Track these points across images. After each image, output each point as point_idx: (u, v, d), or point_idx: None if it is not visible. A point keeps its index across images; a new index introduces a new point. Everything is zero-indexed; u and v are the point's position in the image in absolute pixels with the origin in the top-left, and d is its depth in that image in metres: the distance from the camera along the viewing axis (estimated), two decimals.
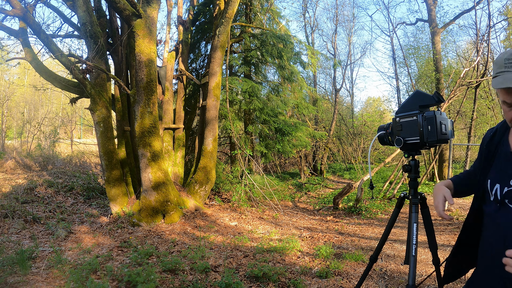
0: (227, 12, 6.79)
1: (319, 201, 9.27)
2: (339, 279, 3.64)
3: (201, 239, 4.96)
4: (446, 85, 12.27)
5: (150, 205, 5.66)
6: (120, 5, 5.42)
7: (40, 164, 10.58)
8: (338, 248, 4.89)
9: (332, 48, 19.06)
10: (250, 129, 9.05)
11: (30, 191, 7.06)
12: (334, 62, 14.17)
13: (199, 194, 6.82)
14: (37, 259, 3.92)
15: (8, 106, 19.22)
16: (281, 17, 10.33)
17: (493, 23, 9.83)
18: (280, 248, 4.56)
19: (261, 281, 3.52)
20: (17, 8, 5.44)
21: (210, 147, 7.05)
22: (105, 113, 5.85)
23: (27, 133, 16.17)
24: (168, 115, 7.40)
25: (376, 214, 7.41)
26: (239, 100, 8.65)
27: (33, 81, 19.81)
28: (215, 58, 7.07)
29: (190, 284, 3.35)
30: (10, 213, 5.38)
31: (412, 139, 1.59)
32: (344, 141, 17.34)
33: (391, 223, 1.90)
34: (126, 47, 7.06)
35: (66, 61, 5.53)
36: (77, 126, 19.61)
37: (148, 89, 5.79)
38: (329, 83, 22.77)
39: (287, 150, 8.85)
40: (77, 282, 3.15)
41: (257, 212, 7.32)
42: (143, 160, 5.76)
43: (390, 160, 9.60)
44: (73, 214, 6.04)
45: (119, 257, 4.14)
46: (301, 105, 10.07)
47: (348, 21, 21.47)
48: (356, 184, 7.97)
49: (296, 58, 9.46)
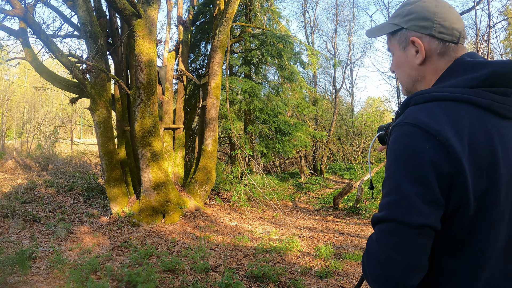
0: (227, 12, 6.79)
1: (319, 201, 9.27)
2: (339, 279, 3.64)
3: (201, 239, 4.96)
4: None
5: (150, 205, 5.66)
6: (120, 5, 5.42)
7: (40, 164, 10.58)
8: (338, 248, 4.89)
9: (332, 48, 19.07)
10: (250, 129, 9.05)
11: (30, 191, 7.06)
12: (334, 62, 14.17)
13: (199, 194, 6.82)
14: (37, 259, 3.92)
15: (8, 106, 19.22)
16: (281, 17, 10.34)
17: (493, 23, 9.82)
18: (280, 248, 4.56)
19: (261, 281, 3.52)
20: (17, 8, 5.44)
21: (210, 147, 7.05)
22: (105, 113, 5.85)
23: (27, 133, 16.17)
24: (168, 115, 7.40)
25: None
26: (239, 100, 8.65)
27: (33, 81, 19.81)
28: (215, 58, 7.08)
29: (190, 284, 3.35)
30: (10, 213, 5.38)
31: None
32: (344, 141, 17.33)
33: None
34: (126, 47, 7.06)
35: (66, 61, 5.53)
36: (77, 126, 19.62)
37: (148, 89, 5.79)
38: (329, 83, 22.79)
39: (287, 150, 8.85)
40: (77, 282, 3.15)
41: (257, 212, 7.32)
42: (143, 160, 5.76)
43: None
44: (73, 214, 6.04)
45: (119, 257, 4.14)
46: (301, 105, 10.07)
47: (348, 21, 21.48)
48: (356, 184, 7.97)
49: (296, 58, 9.46)
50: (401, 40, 0.97)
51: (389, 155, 0.84)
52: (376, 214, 0.84)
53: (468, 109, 0.81)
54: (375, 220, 0.83)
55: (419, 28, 0.92)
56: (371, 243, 0.83)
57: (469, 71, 0.86)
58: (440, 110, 0.81)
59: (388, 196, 0.81)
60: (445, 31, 0.89)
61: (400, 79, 1.02)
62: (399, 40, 0.98)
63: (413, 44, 0.93)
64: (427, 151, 0.77)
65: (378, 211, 0.85)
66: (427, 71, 0.94)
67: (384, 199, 0.83)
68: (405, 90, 1.02)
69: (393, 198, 0.80)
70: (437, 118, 0.80)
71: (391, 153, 0.83)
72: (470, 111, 0.81)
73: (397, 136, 0.83)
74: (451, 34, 0.89)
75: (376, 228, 0.83)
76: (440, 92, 0.84)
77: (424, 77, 0.95)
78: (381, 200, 0.85)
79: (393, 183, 0.80)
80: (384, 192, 0.84)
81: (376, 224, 0.83)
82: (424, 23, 0.91)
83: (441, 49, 0.91)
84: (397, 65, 1.01)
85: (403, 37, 0.96)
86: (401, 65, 0.99)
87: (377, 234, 0.82)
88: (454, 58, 0.91)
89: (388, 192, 0.82)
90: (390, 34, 1.00)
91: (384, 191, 0.84)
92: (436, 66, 0.92)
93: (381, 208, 0.83)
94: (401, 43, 0.97)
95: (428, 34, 0.91)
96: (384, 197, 0.83)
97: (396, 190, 0.79)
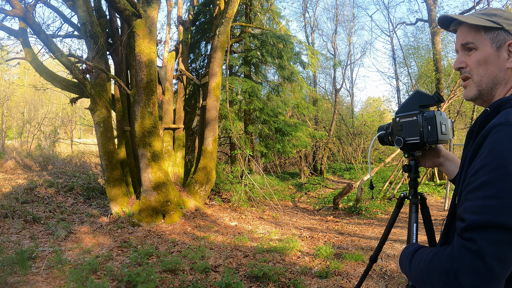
0: (227, 12, 6.79)
1: (319, 201, 9.27)
2: (339, 279, 3.64)
3: (201, 239, 4.96)
4: (446, 85, 12.27)
5: (150, 205, 5.66)
6: (120, 5, 5.42)
7: (40, 164, 10.58)
8: (338, 248, 4.89)
9: (332, 48, 19.08)
10: (250, 129, 9.05)
11: (30, 191, 7.06)
12: (334, 62, 14.17)
13: (199, 194, 6.82)
14: (37, 259, 3.92)
15: (8, 106, 19.22)
16: (281, 17, 10.34)
17: None
18: (280, 248, 4.56)
19: (261, 281, 3.52)
20: (17, 8, 5.44)
21: (210, 147, 7.05)
22: (105, 113, 5.85)
23: (27, 133, 16.17)
24: (168, 115, 7.40)
25: (376, 214, 7.41)
26: (239, 100, 8.65)
27: (33, 81, 19.81)
28: (215, 58, 7.08)
29: (190, 284, 3.35)
30: (10, 213, 5.38)
31: (412, 139, 1.58)
32: (344, 141, 17.33)
33: (391, 223, 1.90)
34: (126, 47, 7.06)
35: (66, 61, 5.53)
36: (77, 126, 19.62)
37: (148, 89, 5.79)
38: (329, 83, 22.79)
39: (287, 150, 8.85)
40: (77, 282, 3.15)
41: (257, 212, 7.32)
42: (143, 160, 5.76)
43: (390, 160, 9.60)
44: (73, 214, 6.04)
45: (119, 257, 4.14)
46: (301, 105, 10.07)
47: (348, 21, 21.49)
48: (356, 184, 7.97)
49: (296, 58, 9.46)
50: (497, 39, 0.97)
51: (495, 155, 0.80)
52: (477, 218, 0.78)
53: None
54: (476, 225, 0.77)
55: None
56: (467, 253, 0.77)
57: None
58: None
59: (498, 198, 0.76)
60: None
61: (480, 77, 1.00)
62: (493, 39, 0.97)
63: (508, 48, 0.95)
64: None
65: (474, 213, 0.79)
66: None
67: (489, 200, 0.77)
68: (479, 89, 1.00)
69: (502, 201, 0.75)
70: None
71: (497, 153, 0.79)
72: None
73: (505, 135, 0.80)
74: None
75: (477, 235, 0.77)
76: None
77: (508, 82, 0.96)
78: (477, 201, 0.79)
79: (503, 186, 0.76)
80: (489, 193, 0.78)
81: (476, 228, 0.77)
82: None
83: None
84: (484, 62, 0.99)
85: (501, 37, 0.96)
86: (489, 64, 0.98)
87: (480, 244, 0.75)
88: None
89: (499, 194, 0.76)
90: (483, 29, 0.99)
91: (488, 192, 0.78)
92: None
93: (482, 210, 0.77)
94: (496, 42, 0.97)
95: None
96: (490, 199, 0.77)
97: (506, 194, 0.75)
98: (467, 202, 0.82)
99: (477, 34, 0.99)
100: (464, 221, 0.80)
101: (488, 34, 0.98)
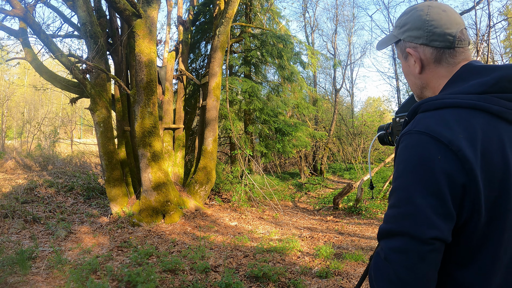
0: (227, 12, 6.79)
1: (319, 201, 9.27)
2: (339, 279, 3.64)
3: (201, 239, 4.96)
4: None
5: (150, 205, 5.66)
6: (120, 5, 5.42)
7: (40, 164, 10.58)
8: (338, 248, 4.89)
9: (332, 48, 19.07)
10: (250, 129, 9.05)
11: (30, 191, 7.06)
12: (334, 62, 14.17)
13: (199, 194, 6.82)
14: (37, 259, 3.92)
15: (8, 106, 19.22)
16: (281, 17, 10.34)
17: (493, 23, 9.81)
18: (280, 248, 4.56)
19: (261, 281, 3.52)
20: (17, 8, 5.44)
21: (210, 147, 7.05)
22: (105, 113, 5.85)
23: (27, 133, 16.17)
24: (168, 115, 7.40)
25: (376, 214, 7.41)
26: (239, 100, 8.65)
27: (33, 81, 19.81)
28: (215, 58, 7.08)
29: (190, 284, 3.35)
30: (10, 213, 5.38)
31: None
32: (344, 141, 17.32)
33: None
34: (126, 47, 7.06)
35: (66, 61, 5.53)
36: (77, 126, 19.61)
37: (148, 89, 5.79)
38: (329, 83, 22.78)
39: (287, 150, 8.85)
40: (77, 282, 3.15)
41: (257, 212, 7.32)
42: (143, 160, 5.76)
43: (390, 160, 9.59)
44: (73, 214, 6.04)
45: (119, 257, 4.14)
46: (301, 105, 10.07)
47: (348, 21, 21.47)
48: (356, 184, 7.97)
49: (296, 58, 9.46)
50: (401, 51, 0.98)
51: (399, 165, 0.80)
52: (384, 226, 0.79)
53: (480, 116, 0.79)
54: (383, 233, 0.79)
55: (413, 38, 0.92)
56: (380, 261, 0.78)
57: (477, 75, 0.84)
58: (452, 117, 0.79)
59: (397, 207, 0.77)
60: (437, 38, 0.89)
61: (410, 87, 1.03)
62: (400, 51, 0.99)
63: (410, 55, 0.94)
64: (439, 161, 0.74)
65: (384, 222, 0.80)
66: (428, 78, 0.94)
67: (392, 209, 0.79)
68: (417, 97, 1.02)
69: (403, 209, 0.76)
70: (449, 126, 0.77)
71: (400, 162, 0.80)
72: (482, 118, 0.79)
73: (408, 145, 0.80)
74: (443, 40, 0.88)
75: (384, 243, 0.78)
76: (450, 99, 0.82)
77: (428, 84, 0.95)
78: (387, 210, 0.81)
79: (404, 194, 0.77)
80: (391, 203, 0.80)
81: (383, 237, 0.79)
82: (416, 33, 0.91)
83: (436, 56, 0.90)
84: (404, 74, 1.02)
85: (403, 47, 0.97)
86: (407, 75, 1.00)
87: (385, 252, 0.77)
88: (456, 63, 0.89)
89: (397, 203, 0.78)
90: (395, 45, 1.01)
91: (391, 202, 0.80)
92: (436, 73, 0.92)
93: (388, 219, 0.79)
94: (402, 53, 0.98)
95: (421, 44, 0.91)
96: (392, 208, 0.79)
97: (407, 202, 0.76)
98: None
99: (397, 50, 1.03)
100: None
101: (397, 48, 1.00)
